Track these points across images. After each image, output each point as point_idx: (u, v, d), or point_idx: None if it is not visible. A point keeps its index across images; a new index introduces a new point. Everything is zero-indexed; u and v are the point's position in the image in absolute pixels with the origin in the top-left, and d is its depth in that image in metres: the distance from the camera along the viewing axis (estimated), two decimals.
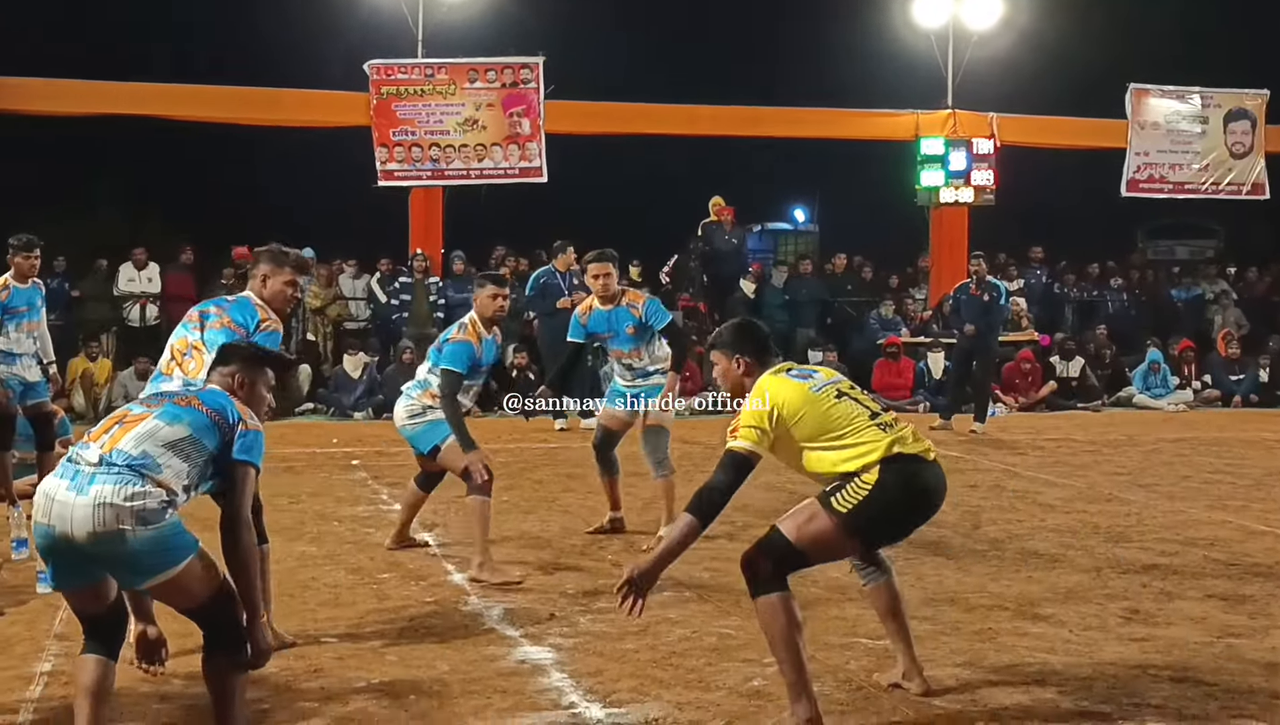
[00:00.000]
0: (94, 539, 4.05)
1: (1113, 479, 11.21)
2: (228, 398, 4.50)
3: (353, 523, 8.91)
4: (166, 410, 4.33)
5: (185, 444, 4.26)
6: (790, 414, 4.90)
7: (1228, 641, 5.94)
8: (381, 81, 18.43)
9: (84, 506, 4.06)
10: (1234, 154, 20.90)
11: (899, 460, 4.83)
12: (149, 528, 4.08)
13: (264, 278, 5.81)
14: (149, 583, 4.18)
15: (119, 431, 4.25)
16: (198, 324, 5.70)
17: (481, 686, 5.22)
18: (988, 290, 14.97)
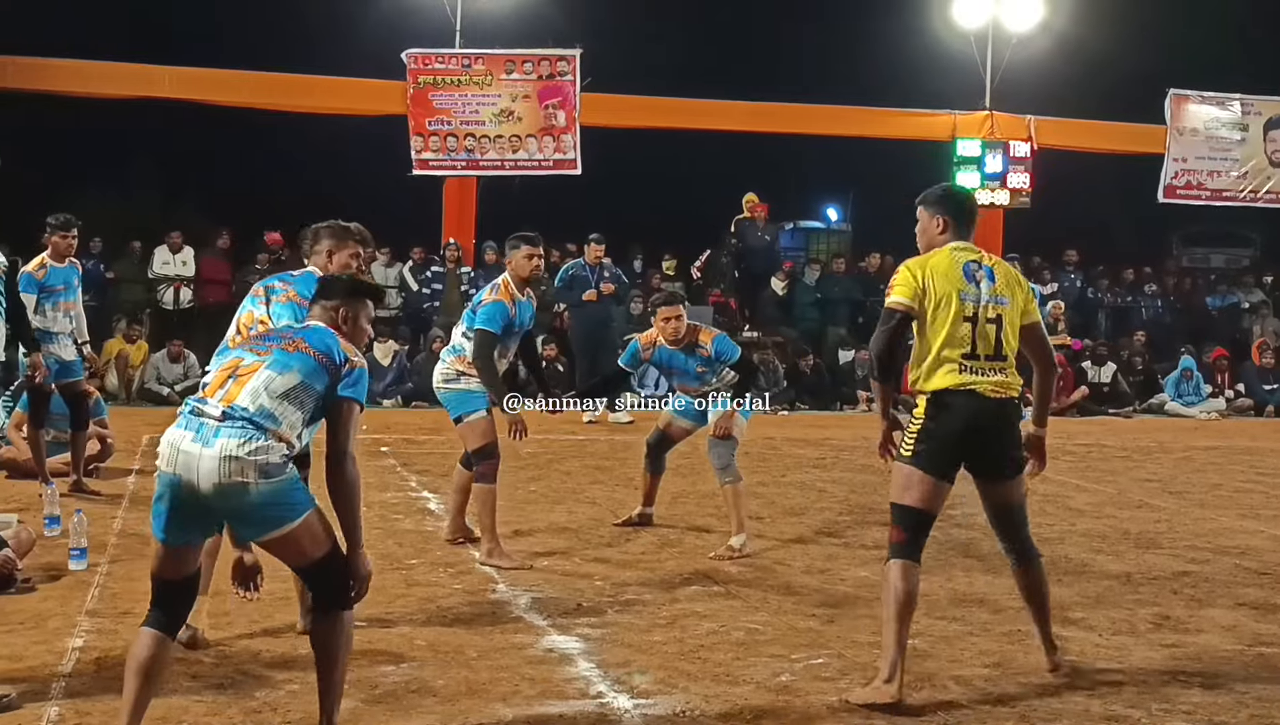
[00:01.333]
0: (218, 490, 4.16)
1: (1143, 485, 11.15)
2: (333, 336, 4.48)
3: (381, 509, 8.94)
4: (276, 359, 4.34)
5: (297, 391, 4.31)
6: (925, 280, 5.14)
7: (1259, 650, 5.90)
8: (419, 71, 18.47)
9: (210, 458, 4.16)
10: (1274, 162, 20.74)
11: (947, 394, 5.11)
12: (270, 481, 4.18)
13: (329, 253, 5.86)
14: (266, 536, 4.26)
15: (234, 386, 4.29)
16: (264, 299, 5.75)
17: (510, 674, 5.23)
18: None
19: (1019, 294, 5.26)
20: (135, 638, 4.34)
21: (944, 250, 5.24)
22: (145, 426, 13.12)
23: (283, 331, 4.57)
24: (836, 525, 8.84)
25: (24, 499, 8.94)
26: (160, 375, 16.17)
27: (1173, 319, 20.74)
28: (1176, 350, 19.12)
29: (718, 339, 8.09)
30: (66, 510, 7.71)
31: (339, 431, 4.34)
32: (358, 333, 4.62)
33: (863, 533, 8.60)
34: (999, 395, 5.16)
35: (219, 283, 17.95)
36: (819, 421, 16.12)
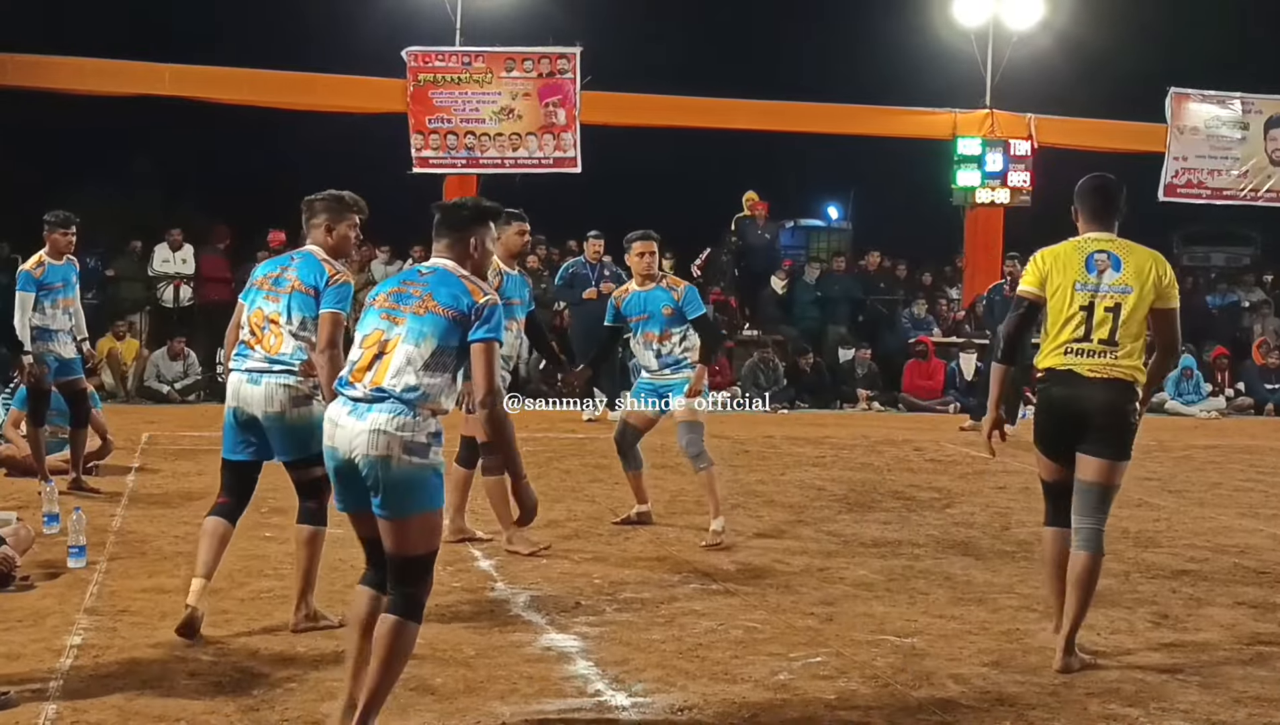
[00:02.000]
0: (367, 462, 4.35)
1: (1143, 484, 11.14)
2: (459, 283, 4.50)
3: None
4: (410, 328, 4.43)
5: (437, 356, 4.42)
6: (1047, 270, 5.65)
7: (1257, 649, 5.91)
8: (419, 69, 18.46)
9: (361, 432, 4.36)
10: (1274, 161, 20.71)
11: (1050, 374, 5.56)
12: (413, 459, 4.35)
13: (327, 227, 5.87)
14: (390, 516, 4.37)
15: (380, 366, 4.42)
16: (270, 292, 5.78)
17: (508, 672, 5.23)
18: None
19: (1148, 282, 5.53)
20: (354, 595, 4.64)
21: (1072, 241, 5.70)
22: (145, 424, 13.16)
23: (412, 288, 4.53)
24: (836, 524, 8.84)
25: (23, 497, 8.95)
26: (160, 373, 16.18)
27: None
28: None
29: (689, 288, 8.28)
30: (65, 508, 7.72)
31: (480, 373, 4.43)
32: (486, 257, 4.71)
33: (862, 531, 8.59)
34: (1099, 376, 5.47)
35: (219, 281, 17.94)
36: (818, 420, 16.12)
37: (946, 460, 12.44)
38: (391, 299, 4.54)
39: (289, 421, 5.68)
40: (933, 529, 8.74)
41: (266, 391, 5.67)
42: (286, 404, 5.66)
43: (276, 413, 5.66)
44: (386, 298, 4.56)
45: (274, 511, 8.65)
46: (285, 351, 5.68)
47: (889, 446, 13.29)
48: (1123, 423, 5.53)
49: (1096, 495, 5.58)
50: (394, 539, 4.38)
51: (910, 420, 16.24)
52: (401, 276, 4.70)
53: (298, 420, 5.68)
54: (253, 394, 5.69)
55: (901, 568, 7.45)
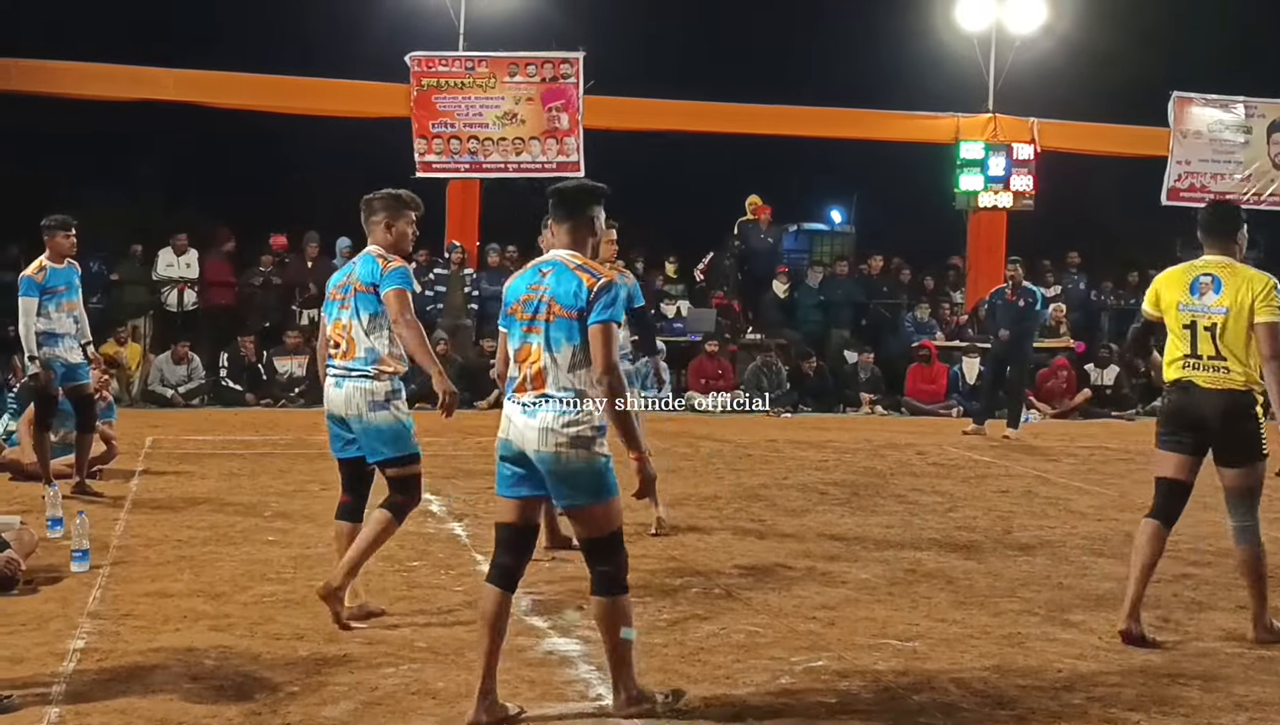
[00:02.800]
0: (539, 456, 4.72)
1: (1145, 488, 10.94)
2: (573, 275, 4.76)
3: None
4: (549, 338, 4.76)
5: (577, 354, 4.74)
6: (1159, 291, 6.31)
7: (1259, 653, 5.92)
8: (422, 73, 18.48)
9: (533, 429, 4.73)
10: (1277, 165, 20.67)
11: (1173, 386, 6.16)
12: (582, 452, 4.71)
13: (386, 225, 6.12)
14: (576, 505, 4.79)
15: (533, 375, 4.77)
16: (341, 302, 6.06)
17: (509, 676, 5.22)
18: (1024, 295, 14.88)
19: (1246, 301, 6.03)
20: (481, 593, 4.94)
21: (1183, 265, 6.33)
22: (149, 428, 13.17)
23: (540, 295, 4.80)
24: (838, 528, 8.84)
25: (27, 501, 8.97)
26: (164, 377, 16.20)
27: None
28: None
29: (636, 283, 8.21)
30: (69, 512, 7.74)
31: (597, 353, 4.70)
32: (598, 231, 5.00)
33: (864, 534, 8.59)
34: (1215, 387, 6.02)
35: (223, 285, 17.98)
36: (821, 424, 16.12)
37: (949, 464, 12.44)
38: (526, 308, 4.83)
39: (368, 423, 5.96)
40: (935, 533, 8.75)
41: (346, 395, 6.00)
42: (364, 407, 5.95)
43: (355, 416, 5.98)
44: (521, 307, 4.85)
45: (277, 515, 8.69)
46: (359, 357, 5.98)
47: (891, 450, 13.29)
48: (1242, 428, 6.04)
49: (1240, 498, 6.20)
50: (581, 526, 4.82)
51: (913, 424, 16.24)
52: (526, 280, 4.91)
53: (379, 422, 5.96)
54: (336, 397, 6.05)
55: (903, 571, 7.46)
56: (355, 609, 6.06)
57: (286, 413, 15.58)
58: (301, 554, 7.47)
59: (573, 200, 4.95)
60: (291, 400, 16.19)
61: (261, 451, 11.94)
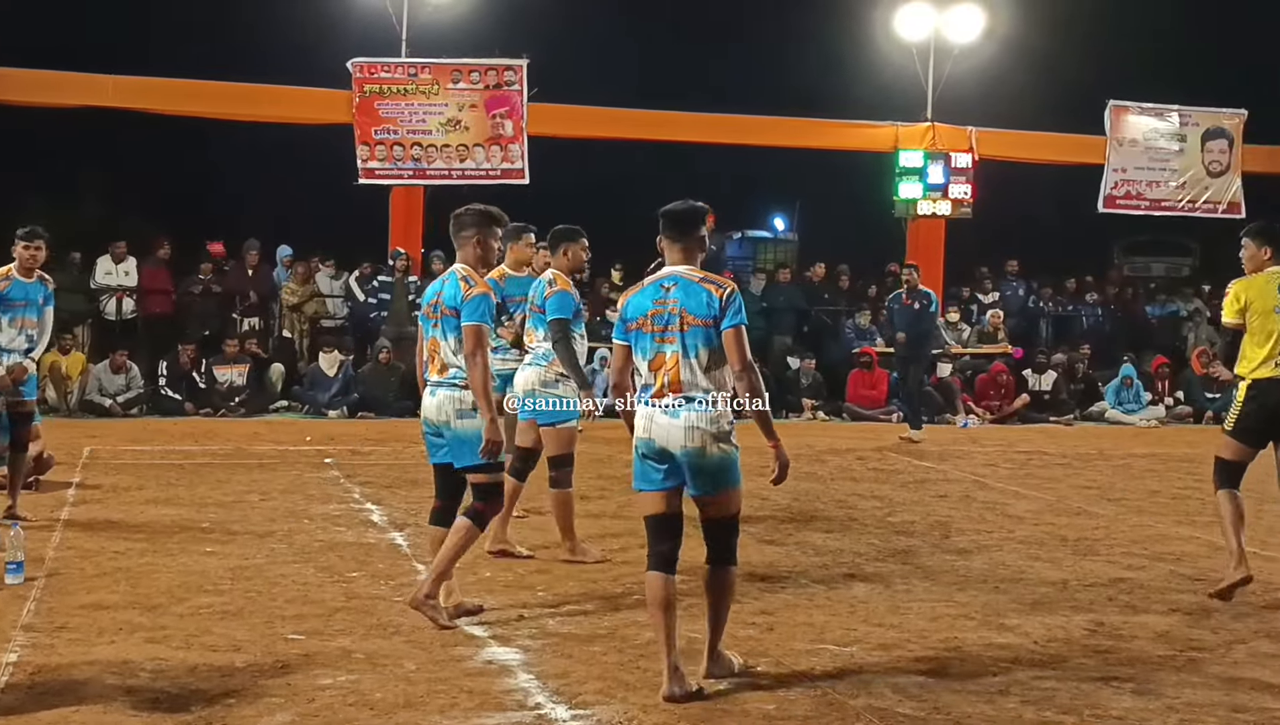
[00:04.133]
0: (685, 452, 5.26)
1: (1082, 492, 11.29)
2: (703, 290, 5.33)
3: (324, 521, 8.91)
4: (683, 344, 5.30)
5: (714, 357, 5.31)
6: (1246, 301, 7.11)
7: (1190, 655, 6.01)
8: (364, 80, 18.41)
9: (678, 427, 5.26)
10: (1211, 172, 21.03)
11: (1260, 383, 6.99)
12: (723, 445, 5.29)
13: (478, 241, 6.39)
14: (715, 493, 5.36)
15: (671, 379, 5.31)
16: (434, 321, 6.36)
17: (448, 686, 5.23)
18: (919, 299, 15.07)
19: None
20: (647, 582, 5.41)
21: (1266, 272, 7.14)
22: (86, 439, 13.02)
23: (669, 308, 5.34)
24: (778, 533, 8.88)
25: None
26: (102, 386, 16.01)
27: (1113, 327, 20.96)
28: (1117, 358, 19.33)
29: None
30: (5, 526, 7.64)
31: (734, 354, 5.28)
32: (704, 248, 5.55)
33: (804, 540, 8.64)
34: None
35: (161, 293, 17.80)
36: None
37: (889, 469, 12.54)
38: (656, 322, 5.35)
39: (456, 430, 6.23)
40: (874, 538, 8.82)
41: (438, 403, 6.30)
42: (452, 415, 6.24)
43: (444, 422, 6.27)
44: (649, 321, 5.37)
45: (215, 526, 8.63)
46: (450, 374, 6.29)
47: (832, 455, 13.38)
48: None
49: None
50: (714, 509, 5.39)
51: (854, 429, 16.34)
52: (649, 295, 5.41)
53: (467, 429, 6.20)
54: (429, 404, 6.36)
55: (842, 576, 7.51)
56: (453, 609, 6.27)
57: (226, 422, 15.45)
58: (239, 565, 7.42)
59: (687, 220, 5.52)
60: (231, 410, 16.05)
61: (200, 462, 11.85)
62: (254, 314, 18.12)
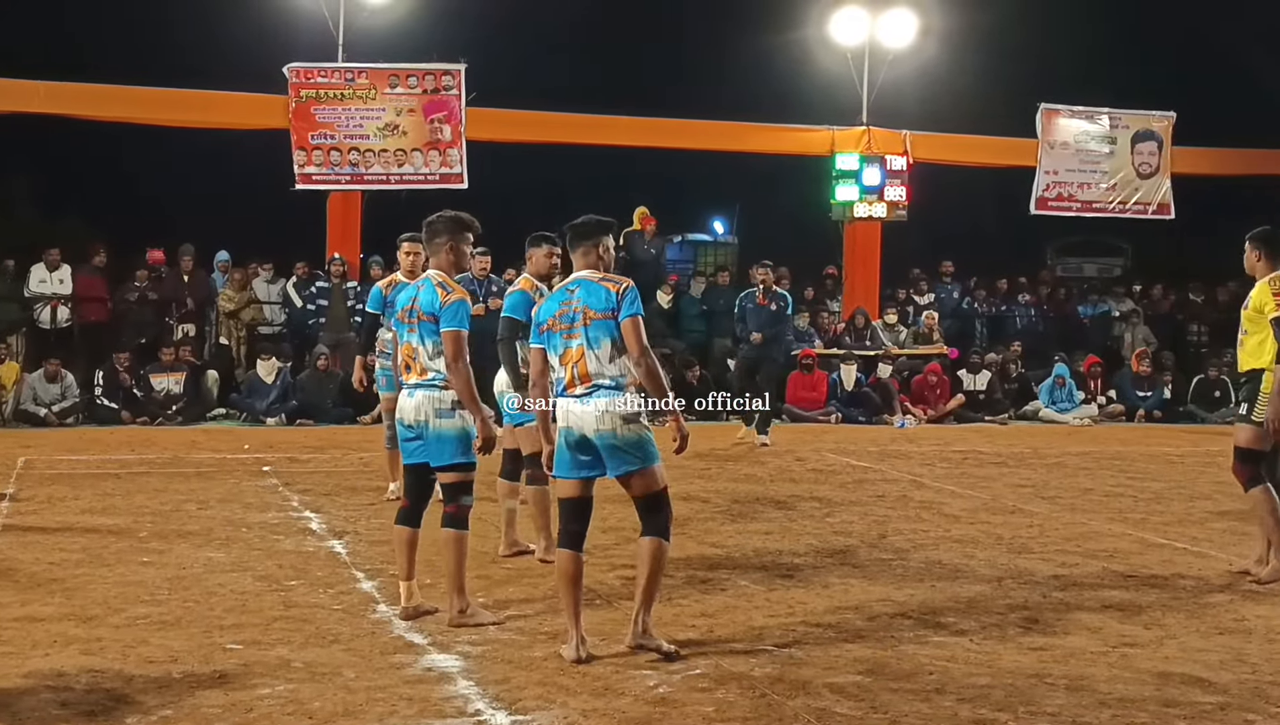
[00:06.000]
0: (599, 435, 5.76)
1: (1017, 491, 11.43)
2: (601, 288, 5.86)
3: (262, 529, 8.85)
4: (586, 338, 5.82)
5: (614, 347, 5.82)
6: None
7: (1123, 651, 6.09)
8: (301, 85, 18.31)
9: (590, 413, 5.79)
10: (1141, 174, 21.36)
11: None
12: (633, 426, 5.79)
13: (450, 246, 6.52)
14: (632, 471, 5.80)
15: (580, 371, 5.82)
16: (410, 326, 6.46)
17: (387, 694, 5.22)
18: (775, 300, 15.11)
19: None
20: (559, 558, 5.91)
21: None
22: (21, 449, 12.86)
23: (574, 307, 5.87)
24: (718, 535, 8.93)
25: None
26: (37, 396, 15.82)
27: (1046, 327, 21.23)
28: (1050, 358, 19.59)
29: None
30: None
31: (633, 342, 5.81)
32: (609, 258, 6.04)
33: (743, 542, 8.69)
34: None
35: (96, 300, 17.60)
36: (704, 432, 16.17)
37: (827, 470, 12.63)
38: (562, 321, 5.89)
39: (436, 429, 6.35)
40: (812, 538, 8.89)
41: (416, 403, 6.41)
42: (431, 413, 6.35)
43: (424, 421, 6.38)
44: (557, 322, 5.90)
45: (152, 536, 8.56)
46: (429, 377, 6.40)
47: (772, 457, 13.46)
48: None
49: None
50: (636, 487, 5.84)
51: (793, 431, 16.44)
52: (557, 299, 5.97)
53: (446, 428, 6.34)
54: (407, 405, 6.46)
55: (781, 578, 7.57)
56: (411, 609, 6.46)
57: (163, 431, 15.30)
58: (177, 575, 7.36)
59: (588, 232, 5.99)
60: (168, 418, 15.91)
61: (137, 471, 11.72)
62: (190, 321, 17.96)
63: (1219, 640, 6.32)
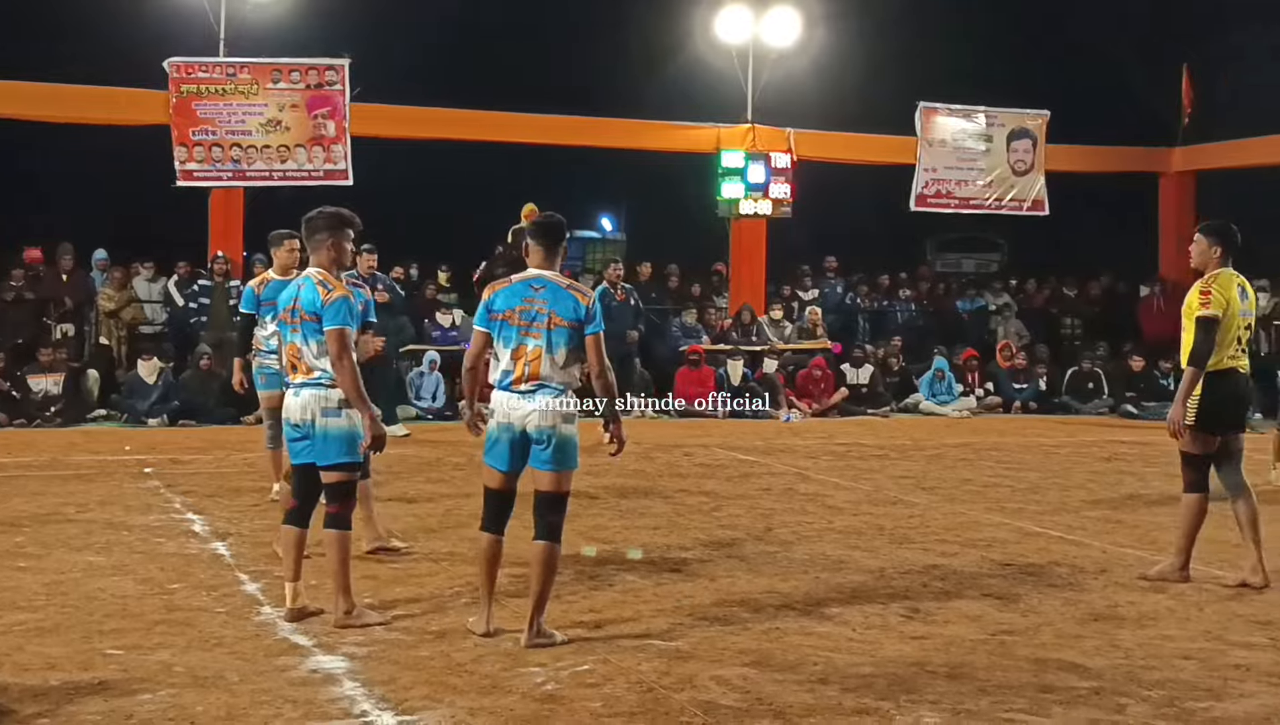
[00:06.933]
0: (538, 431, 5.97)
1: (898, 482, 11.64)
2: (569, 294, 6.03)
3: (143, 532, 8.70)
4: (548, 340, 5.99)
5: (572, 354, 6.03)
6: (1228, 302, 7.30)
7: (1001, 639, 6.25)
8: (181, 80, 17.98)
9: (532, 409, 5.98)
10: (1016, 171, 21.83)
11: (1215, 376, 7.28)
12: (569, 427, 6.02)
13: (332, 243, 6.47)
14: (555, 469, 6.01)
15: (531, 370, 5.99)
16: (292, 326, 6.40)
17: (272, 697, 5.18)
18: (630, 295, 15.37)
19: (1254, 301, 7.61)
20: (480, 541, 6.20)
21: (1228, 272, 7.38)
22: None
23: (537, 307, 6.01)
24: (607, 531, 8.98)
25: None
26: None
27: (926, 322, 21.61)
28: (929, 352, 19.96)
29: None
30: None
31: (595, 358, 6.04)
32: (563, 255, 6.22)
33: (631, 537, 8.75)
34: (1247, 371, 7.48)
35: None
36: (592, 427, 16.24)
37: (715, 464, 12.75)
38: (523, 317, 6.01)
39: (322, 428, 6.32)
40: (699, 532, 8.98)
41: (303, 401, 6.37)
42: (318, 412, 6.32)
43: (309, 420, 6.34)
44: (516, 316, 6.02)
45: (30, 540, 8.37)
46: (315, 376, 6.36)
47: (660, 452, 13.54)
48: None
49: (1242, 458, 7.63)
50: (551, 484, 6.02)
51: (681, 426, 16.55)
52: (518, 292, 6.05)
53: (332, 427, 6.31)
54: (294, 404, 6.42)
55: (668, 572, 7.64)
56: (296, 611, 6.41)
57: (41, 433, 14.95)
58: (55, 580, 7.21)
59: (554, 231, 6.16)
60: (47, 420, 15.55)
61: (14, 474, 11.44)
62: (69, 321, 17.56)
63: (1093, 626, 6.51)
